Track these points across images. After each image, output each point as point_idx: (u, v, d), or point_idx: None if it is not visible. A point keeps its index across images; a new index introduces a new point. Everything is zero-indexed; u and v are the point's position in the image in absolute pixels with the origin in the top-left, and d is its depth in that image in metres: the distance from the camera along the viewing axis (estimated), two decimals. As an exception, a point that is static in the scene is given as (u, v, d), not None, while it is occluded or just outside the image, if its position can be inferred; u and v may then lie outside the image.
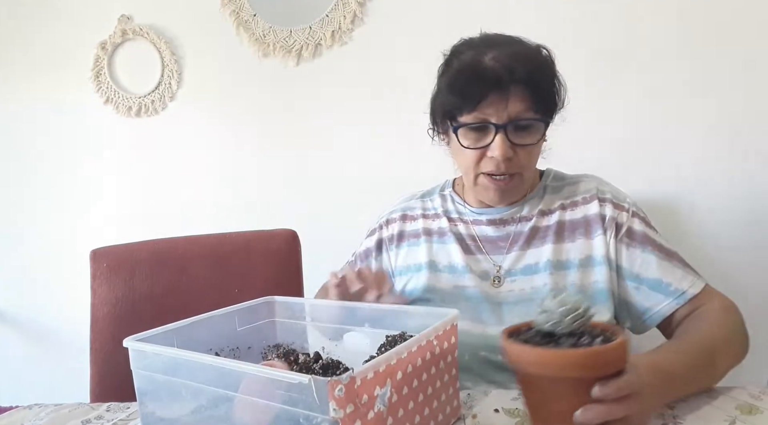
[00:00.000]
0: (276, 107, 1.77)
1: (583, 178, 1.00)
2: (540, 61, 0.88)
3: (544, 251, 0.93)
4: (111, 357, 1.16)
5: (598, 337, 0.61)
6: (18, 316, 2.01)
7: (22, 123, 1.93)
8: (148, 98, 1.82)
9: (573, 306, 0.61)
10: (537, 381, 0.61)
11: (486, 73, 0.84)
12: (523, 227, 0.96)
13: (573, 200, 0.96)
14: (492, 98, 0.84)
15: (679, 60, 1.47)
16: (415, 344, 0.63)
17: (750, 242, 1.46)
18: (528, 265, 0.94)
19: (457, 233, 1.00)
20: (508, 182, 0.91)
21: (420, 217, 1.05)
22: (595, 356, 0.58)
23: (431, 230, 1.03)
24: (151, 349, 0.69)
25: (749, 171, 1.45)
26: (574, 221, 0.94)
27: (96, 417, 0.86)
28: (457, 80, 0.87)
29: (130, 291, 1.21)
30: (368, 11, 1.68)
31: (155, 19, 1.80)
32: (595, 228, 0.92)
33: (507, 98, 0.84)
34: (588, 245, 0.92)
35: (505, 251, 0.96)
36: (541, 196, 0.98)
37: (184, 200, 1.85)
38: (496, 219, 0.98)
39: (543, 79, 0.86)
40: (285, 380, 0.55)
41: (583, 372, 0.57)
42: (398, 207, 1.09)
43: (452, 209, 1.03)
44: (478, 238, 0.98)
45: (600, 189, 0.96)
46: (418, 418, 0.64)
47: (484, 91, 0.84)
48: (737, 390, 0.76)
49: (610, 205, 0.93)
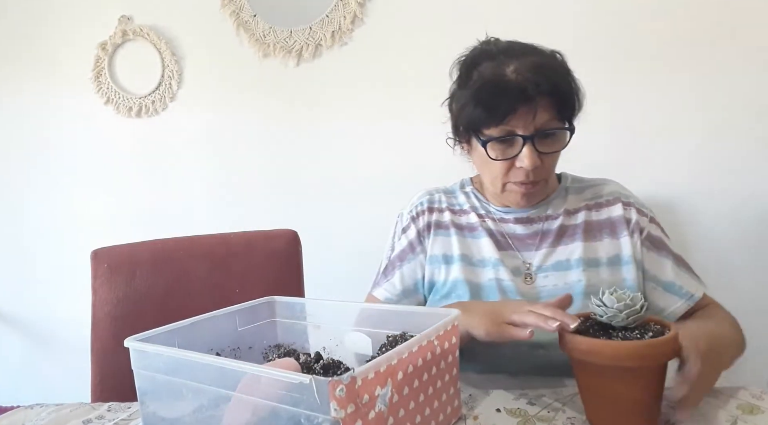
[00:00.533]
0: (276, 107, 1.77)
1: (603, 181, 1.04)
2: (559, 69, 0.89)
3: (575, 248, 0.96)
4: (112, 357, 1.16)
5: (651, 330, 0.68)
6: (19, 316, 2.01)
7: (23, 124, 1.93)
8: (148, 99, 1.83)
9: (630, 302, 0.68)
10: (591, 369, 0.67)
11: (511, 87, 0.85)
12: (551, 225, 0.99)
13: (597, 202, 1.00)
14: (520, 112, 0.85)
15: (680, 60, 1.47)
16: (416, 344, 0.63)
17: (750, 243, 1.46)
18: (559, 261, 0.96)
19: (488, 229, 1.01)
20: (534, 188, 0.93)
21: (446, 210, 1.05)
22: (648, 348, 0.64)
23: (460, 225, 1.03)
24: (152, 349, 0.69)
25: (750, 172, 1.45)
26: (599, 222, 0.98)
27: (97, 417, 0.86)
28: (482, 95, 0.87)
29: (131, 291, 1.21)
30: (368, 12, 1.68)
31: (155, 20, 1.81)
32: (621, 230, 0.96)
33: (534, 111, 0.85)
34: (615, 245, 0.96)
35: (535, 248, 0.98)
36: (564, 197, 1.01)
37: (185, 200, 1.85)
38: (523, 218, 1.00)
39: (565, 88, 0.88)
40: (286, 380, 0.55)
41: (635, 362, 0.63)
42: (422, 200, 1.08)
43: (479, 206, 1.04)
44: (507, 235, 1.00)
45: (622, 193, 1.00)
46: (419, 418, 0.64)
47: (512, 106, 0.85)
48: (738, 390, 0.77)
49: (634, 209, 0.98)
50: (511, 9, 1.58)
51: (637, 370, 0.64)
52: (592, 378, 0.68)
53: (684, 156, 1.49)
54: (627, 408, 0.66)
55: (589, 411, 0.70)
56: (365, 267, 1.38)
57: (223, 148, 1.82)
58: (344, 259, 1.74)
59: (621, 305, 0.68)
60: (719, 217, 1.48)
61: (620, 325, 0.68)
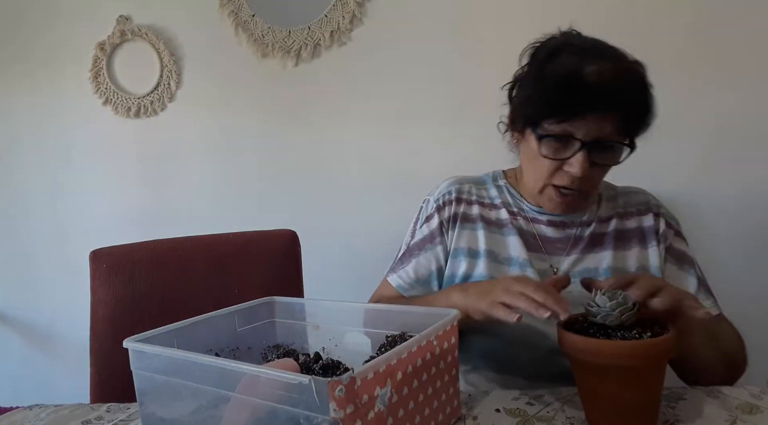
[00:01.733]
0: (275, 107, 1.77)
1: (635, 190, 1.03)
2: (640, 82, 0.84)
3: (604, 256, 0.95)
4: (111, 357, 1.16)
5: (649, 330, 0.67)
6: (18, 317, 2.00)
7: (22, 124, 1.93)
8: (147, 99, 1.82)
9: (621, 300, 0.68)
10: (590, 369, 0.67)
11: (587, 91, 0.80)
12: (584, 231, 0.97)
13: (628, 211, 0.99)
14: (588, 117, 0.81)
15: (681, 60, 1.47)
16: (415, 344, 0.63)
17: (751, 243, 1.47)
18: (587, 268, 0.95)
19: (518, 228, 0.98)
20: (575, 198, 0.90)
21: (476, 202, 1.02)
22: (647, 347, 0.64)
23: (489, 220, 1.00)
24: (151, 350, 0.69)
25: (751, 172, 1.45)
26: (630, 230, 0.97)
27: (96, 417, 0.86)
28: (554, 89, 0.82)
29: (129, 292, 1.21)
30: (367, 12, 1.68)
31: (154, 20, 1.80)
32: (650, 239, 0.96)
33: (603, 119, 0.81)
34: (643, 255, 0.96)
35: (564, 253, 0.97)
36: (598, 203, 1.00)
37: (184, 200, 1.85)
38: (556, 221, 0.98)
39: (640, 104, 0.83)
40: (285, 380, 0.55)
41: (634, 362, 0.64)
42: (450, 189, 1.05)
43: (511, 203, 1.01)
44: (538, 236, 0.98)
45: (653, 203, 1.00)
46: (419, 418, 0.64)
47: (582, 109, 0.81)
48: (738, 390, 0.77)
49: (663, 221, 0.98)
50: (511, 9, 1.57)
51: (636, 370, 0.64)
52: (591, 378, 0.68)
53: (684, 156, 1.49)
54: (626, 407, 0.66)
55: (588, 411, 0.70)
56: (364, 267, 1.38)
57: (221, 148, 1.82)
58: (343, 259, 1.74)
59: (613, 303, 0.68)
60: (720, 217, 1.48)
61: (614, 324, 0.68)
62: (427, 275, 1.01)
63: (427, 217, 1.05)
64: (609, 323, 0.68)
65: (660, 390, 0.68)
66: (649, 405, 0.67)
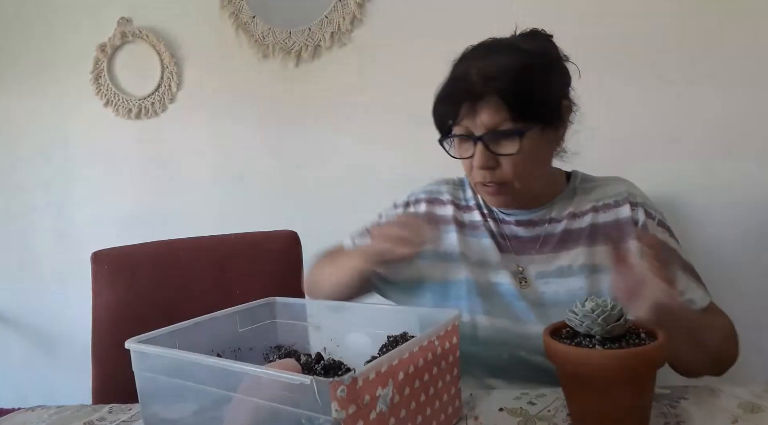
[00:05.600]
0: (275, 108, 1.77)
1: (613, 180, 1.00)
2: (525, 69, 0.85)
3: (578, 254, 0.92)
4: (113, 358, 1.16)
5: (638, 337, 0.65)
6: (20, 318, 2.01)
7: (23, 126, 1.93)
8: (147, 100, 1.83)
9: (603, 307, 0.64)
10: (579, 379, 0.64)
11: (460, 85, 0.86)
12: (554, 228, 0.95)
13: (605, 203, 0.95)
14: (464, 111, 0.85)
15: (682, 61, 1.47)
16: (416, 344, 0.63)
17: (751, 243, 1.46)
18: (561, 267, 0.92)
19: (490, 229, 0.98)
20: (497, 190, 0.90)
21: (449, 203, 1.03)
22: (636, 356, 0.61)
23: (462, 222, 1.00)
24: (153, 351, 0.69)
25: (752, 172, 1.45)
26: (606, 224, 0.94)
27: (98, 418, 0.86)
28: (441, 92, 0.90)
29: (131, 293, 1.21)
30: (367, 12, 1.68)
31: (155, 22, 1.81)
32: (628, 232, 0.92)
33: (479, 110, 0.84)
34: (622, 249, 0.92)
35: (534, 252, 0.95)
36: (571, 198, 0.98)
37: (185, 202, 1.85)
38: (524, 220, 0.97)
39: (519, 89, 0.83)
40: (287, 381, 0.55)
41: (623, 371, 0.61)
42: (425, 190, 1.07)
43: (482, 204, 1.01)
44: (507, 237, 0.97)
45: (631, 193, 0.96)
46: (420, 418, 0.64)
47: (457, 105, 0.86)
48: (740, 389, 0.76)
49: (642, 210, 0.93)
50: (511, 10, 1.57)
51: (626, 379, 0.61)
52: (580, 388, 0.65)
53: (684, 156, 1.49)
54: (616, 417, 0.63)
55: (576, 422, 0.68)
56: (365, 268, 1.38)
57: (222, 149, 1.82)
58: (344, 260, 1.74)
59: (599, 310, 0.64)
60: (720, 217, 1.48)
61: (600, 333, 0.65)
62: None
63: (396, 204, 1.09)
64: (595, 332, 0.65)
65: (651, 397, 0.66)
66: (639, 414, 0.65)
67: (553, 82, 0.89)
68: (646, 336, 0.65)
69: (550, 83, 0.88)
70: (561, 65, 0.92)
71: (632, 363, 0.61)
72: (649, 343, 0.63)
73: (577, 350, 0.64)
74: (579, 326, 0.66)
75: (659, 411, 0.71)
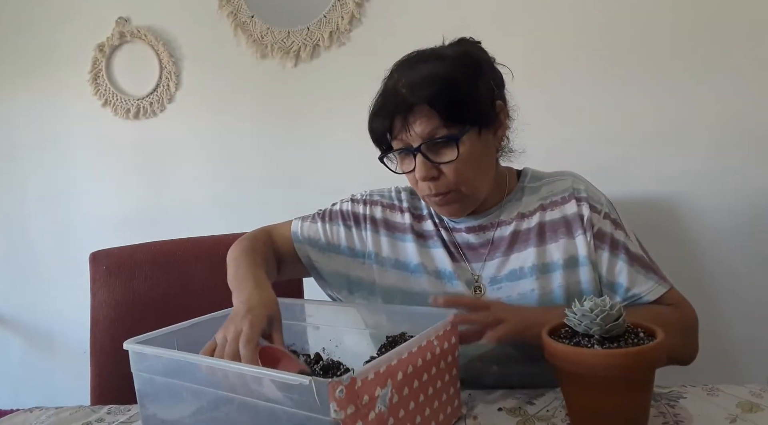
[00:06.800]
0: (274, 108, 1.76)
1: (560, 176, 0.98)
2: (449, 74, 0.85)
3: (528, 255, 0.91)
4: (111, 359, 1.16)
5: (637, 337, 0.65)
6: (18, 319, 2.00)
7: (21, 125, 1.93)
8: (146, 100, 1.82)
9: (602, 306, 0.65)
10: (577, 379, 0.64)
11: (390, 99, 0.86)
12: (504, 232, 0.94)
13: (552, 200, 0.94)
14: (396, 124, 0.85)
15: (682, 61, 1.47)
16: (415, 344, 0.63)
17: (751, 243, 1.46)
18: (513, 270, 0.91)
19: (442, 239, 0.97)
20: (444, 199, 0.89)
21: (407, 211, 1.01)
22: (635, 355, 0.61)
23: (418, 232, 0.99)
24: (151, 351, 0.69)
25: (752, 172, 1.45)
26: (554, 222, 0.92)
27: (97, 419, 0.86)
28: (373, 108, 0.90)
29: (129, 294, 1.21)
30: (366, 12, 1.68)
31: (153, 21, 1.80)
32: (576, 228, 0.90)
33: (411, 121, 0.84)
34: (571, 245, 0.90)
35: (485, 258, 0.94)
36: (519, 198, 0.96)
37: (183, 202, 1.85)
38: (474, 226, 0.95)
39: (446, 96, 0.83)
40: (285, 381, 0.55)
41: (622, 371, 0.61)
42: (384, 194, 1.06)
43: (434, 213, 1.00)
44: (459, 245, 0.96)
45: (575, 188, 0.94)
46: (419, 418, 0.64)
47: (390, 117, 0.85)
48: (738, 388, 0.77)
49: (586, 204, 0.91)
50: (510, 10, 1.57)
51: (624, 379, 0.61)
52: (578, 388, 0.65)
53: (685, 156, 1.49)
54: (615, 417, 0.63)
55: (575, 422, 0.68)
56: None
57: (221, 149, 1.82)
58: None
59: (598, 310, 0.64)
60: (720, 217, 1.47)
61: (599, 333, 0.65)
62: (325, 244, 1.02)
63: (352, 199, 1.08)
64: (594, 332, 0.65)
65: (649, 397, 0.66)
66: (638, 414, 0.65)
67: (481, 84, 0.87)
68: (644, 335, 0.66)
69: (477, 86, 0.87)
70: (489, 67, 0.91)
71: (631, 362, 0.61)
72: (647, 343, 0.63)
73: (576, 349, 0.64)
74: (578, 325, 0.66)
75: (658, 411, 0.71)
